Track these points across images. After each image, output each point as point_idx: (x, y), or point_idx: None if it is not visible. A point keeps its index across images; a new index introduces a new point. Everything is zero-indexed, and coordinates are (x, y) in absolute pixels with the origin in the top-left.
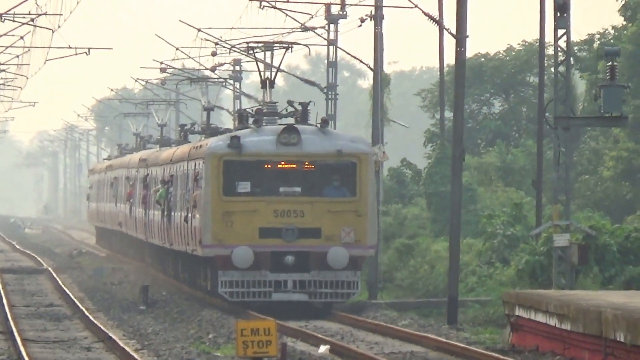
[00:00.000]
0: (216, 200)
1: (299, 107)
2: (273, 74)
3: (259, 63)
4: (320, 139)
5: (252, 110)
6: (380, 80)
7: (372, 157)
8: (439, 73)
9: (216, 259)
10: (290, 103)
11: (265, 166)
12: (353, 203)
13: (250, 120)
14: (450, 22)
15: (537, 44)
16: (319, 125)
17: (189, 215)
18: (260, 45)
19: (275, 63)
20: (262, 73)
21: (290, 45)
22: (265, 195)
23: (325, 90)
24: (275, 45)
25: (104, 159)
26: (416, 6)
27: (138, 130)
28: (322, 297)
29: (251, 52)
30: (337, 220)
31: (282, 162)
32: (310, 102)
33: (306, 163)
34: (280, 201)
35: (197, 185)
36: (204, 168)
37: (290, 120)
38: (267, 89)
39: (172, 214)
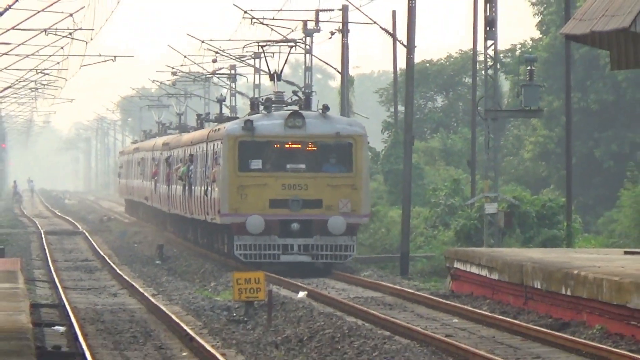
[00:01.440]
0: (232, 176)
1: (303, 96)
2: (280, 68)
3: (266, 60)
4: (322, 123)
5: (262, 99)
6: (347, 81)
7: (366, 138)
8: (393, 75)
9: (232, 226)
10: (295, 92)
11: (275, 146)
12: (349, 178)
13: (261, 107)
14: (402, 35)
15: (471, 52)
16: (320, 111)
17: (209, 189)
18: (269, 44)
19: (270, 63)
20: (269, 68)
21: (295, 44)
22: (274, 171)
23: (302, 89)
24: (282, 43)
25: (132, 142)
26: (375, 22)
27: (160, 119)
28: (323, 258)
29: (261, 49)
30: (336, 193)
31: (289, 143)
32: (312, 91)
33: (309, 143)
34: (287, 176)
35: (216, 162)
36: (222, 148)
37: (296, 107)
38: (275, 81)
39: (193, 188)
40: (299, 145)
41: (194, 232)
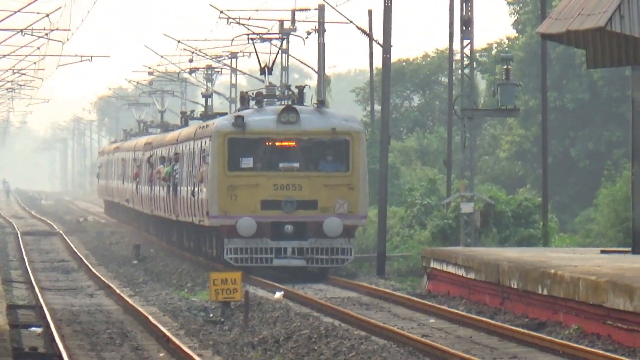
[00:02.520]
0: (222, 175)
1: (296, 90)
2: (271, 61)
3: (257, 54)
4: (317, 118)
5: (253, 93)
6: (323, 81)
7: (363, 134)
8: (369, 74)
9: (222, 229)
10: (287, 86)
11: (267, 143)
12: (346, 177)
13: (252, 102)
14: (378, 34)
15: (447, 51)
16: (315, 106)
17: (196, 189)
18: (260, 35)
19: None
20: (260, 61)
21: (287, 35)
22: (266, 170)
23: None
24: (273, 35)
25: (112, 142)
26: (351, 22)
27: (141, 117)
28: (318, 262)
29: (251, 42)
30: (332, 193)
31: (282, 139)
32: (305, 85)
33: (304, 140)
34: (280, 175)
35: (204, 161)
36: (211, 145)
37: (288, 103)
38: (266, 75)
39: (179, 188)
40: (293, 143)
41: (179, 235)
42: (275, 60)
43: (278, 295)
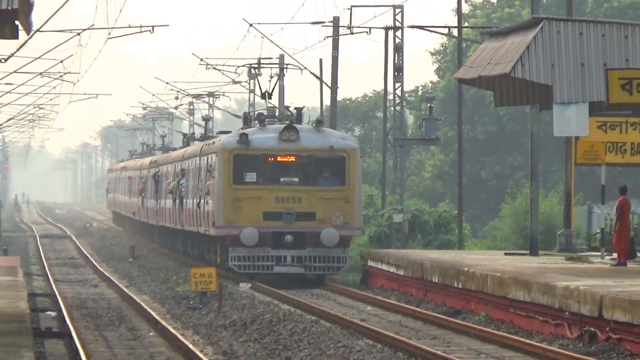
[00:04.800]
0: (227, 188)
1: (294, 112)
2: (271, 88)
3: (257, 80)
4: (315, 136)
5: (254, 114)
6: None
7: (358, 152)
8: (319, 110)
9: (227, 238)
10: (286, 108)
11: (269, 159)
12: (342, 191)
13: (255, 121)
14: (327, 77)
15: (383, 92)
16: (314, 125)
17: (202, 201)
18: (259, 66)
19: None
20: (260, 87)
21: (286, 66)
22: (269, 184)
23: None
24: (273, 65)
25: (120, 161)
26: (305, 68)
27: (145, 141)
28: (316, 270)
29: (254, 71)
30: (329, 206)
31: (283, 156)
32: (303, 107)
33: (303, 156)
34: (281, 189)
35: (210, 176)
36: (217, 161)
37: (287, 123)
38: (266, 99)
39: (184, 200)
40: (293, 159)
41: (184, 243)
42: (275, 87)
43: (244, 286)
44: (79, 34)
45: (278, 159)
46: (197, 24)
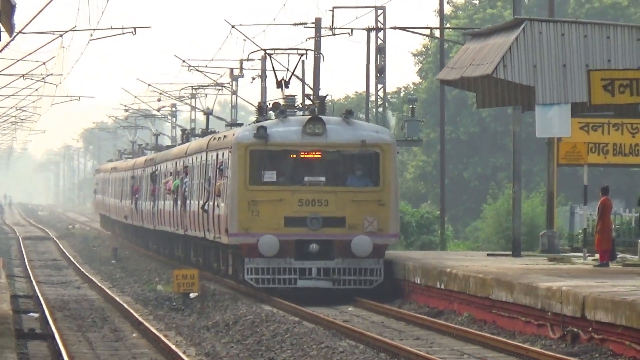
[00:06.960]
0: (242, 190)
1: (317, 101)
2: (288, 75)
3: (273, 68)
4: (345, 130)
5: (270, 103)
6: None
7: (394, 147)
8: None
9: (242, 247)
10: (307, 96)
11: (291, 156)
12: (376, 193)
13: (274, 112)
14: (309, 79)
15: (365, 93)
16: (343, 116)
17: (211, 203)
18: (278, 51)
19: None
20: (276, 75)
21: (305, 52)
22: (291, 185)
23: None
24: (292, 51)
25: (108, 161)
26: (287, 69)
27: (134, 139)
28: (345, 284)
29: (268, 57)
30: (361, 210)
31: (307, 152)
32: (327, 95)
33: (331, 152)
34: (305, 190)
35: (221, 174)
36: (230, 157)
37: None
38: (283, 88)
39: (188, 202)
40: (319, 155)
41: (186, 249)
42: (292, 76)
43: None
44: (61, 35)
45: (301, 156)
46: (179, 26)
